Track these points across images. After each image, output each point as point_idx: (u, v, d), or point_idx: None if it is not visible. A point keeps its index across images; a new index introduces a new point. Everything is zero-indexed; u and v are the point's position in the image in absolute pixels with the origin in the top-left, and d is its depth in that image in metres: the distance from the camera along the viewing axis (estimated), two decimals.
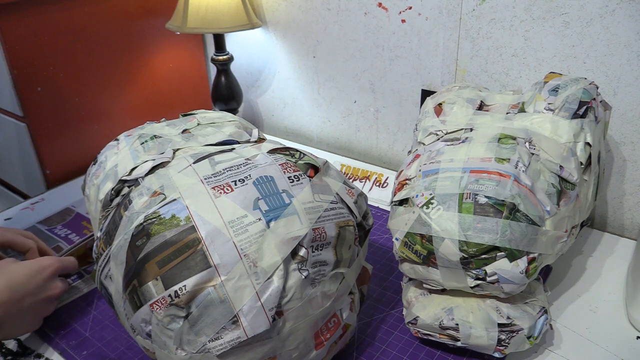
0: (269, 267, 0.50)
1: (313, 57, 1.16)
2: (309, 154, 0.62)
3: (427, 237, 0.61)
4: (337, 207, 0.58)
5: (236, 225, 0.51)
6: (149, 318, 0.51)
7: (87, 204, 0.67)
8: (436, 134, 0.73)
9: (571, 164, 0.65)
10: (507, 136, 0.67)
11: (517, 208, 0.59)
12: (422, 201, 0.62)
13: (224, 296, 0.49)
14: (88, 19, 1.05)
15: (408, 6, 0.98)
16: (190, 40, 1.28)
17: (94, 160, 0.68)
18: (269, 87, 1.29)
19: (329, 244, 0.55)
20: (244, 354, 0.50)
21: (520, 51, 0.89)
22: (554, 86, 0.72)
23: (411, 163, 0.70)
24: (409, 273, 0.65)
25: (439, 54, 0.98)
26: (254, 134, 0.69)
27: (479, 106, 0.75)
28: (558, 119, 0.68)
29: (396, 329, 0.68)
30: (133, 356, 0.65)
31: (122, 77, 1.15)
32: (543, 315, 0.61)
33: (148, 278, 0.50)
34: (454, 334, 0.61)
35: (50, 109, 1.04)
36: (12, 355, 0.66)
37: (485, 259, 0.58)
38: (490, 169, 0.62)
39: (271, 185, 0.55)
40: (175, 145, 0.64)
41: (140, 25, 1.16)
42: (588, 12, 0.80)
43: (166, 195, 0.54)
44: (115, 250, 0.54)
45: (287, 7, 1.15)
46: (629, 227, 0.89)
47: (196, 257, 0.50)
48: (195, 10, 1.07)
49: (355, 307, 0.61)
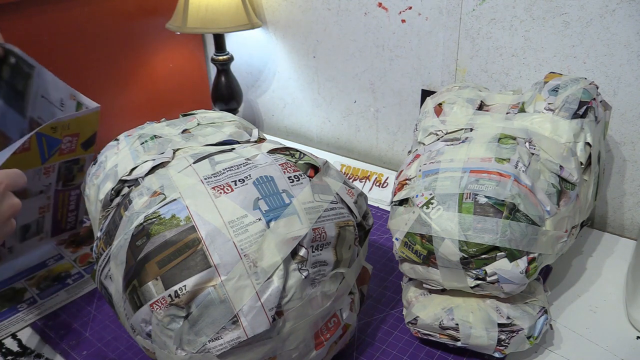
0: (269, 267, 0.50)
1: (313, 57, 1.16)
2: (309, 154, 0.62)
3: (427, 237, 0.61)
4: (337, 207, 0.58)
5: (236, 225, 0.51)
6: (149, 318, 0.51)
7: (87, 204, 0.67)
8: (436, 134, 0.73)
9: (571, 164, 0.65)
10: (507, 136, 0.67)
11: (517, 208, 0.59)
12: (422, 201, 0.62)
13: (224, 296, 0.49)
14: (88, 19, 1.05)
15: (408, 6, 0.98)
16: (190, 40, 1.28)
17: (94, 160, 0.68)
18: (269, 87, 1.29)
19: (329, 244, 0.55)
20: (244, 354, 0.50)
21: (520, 51, 0.89)
22: (554, 86, 0.72)
23: (411, 163, 0.70)
24: (409, 273, 0.65)
25: (439, 54, 0.98)
26: (254, 134, 0.69)
27: (479, 106, 0.75)
28: (558, 119, 0.68)
29: (396, 329, 0.68)
30: (133, 356, 0.65)
31: (122, 77, 1.15)
32: (543, 315, 0.61)
33: (148, 278, 0.50)
34: (454, 334, 0.61)
35: None
36: (12, 355, 0.66)
37: (485, 259, 0.58)
38: (490, 169, 0.62)
39: (271, 185, 0.55)
40: (175, 145, 0.64)
41: (140, 25, 1.16)
42: (588, 12, 0.80)
43: (166, 195, 0.54)
44: (115, 250, 0.54)
45: (287, 7, 1.15)
46: (629, 227, 0.89)
47: (196, 257, 0.50)
48: (195, 10, 1.07)
49: (355, 307, 0.61)
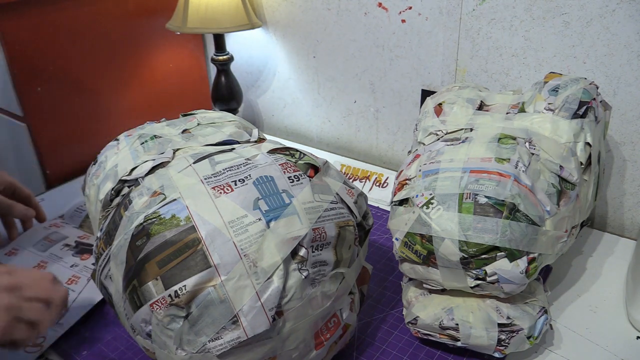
0: (269, 267, 0.50)
1: (313, 57, 1.16)
2: (309, 154, 0.62)
3: (427, 237, 0.61)
4: (337, 207, 0.58)
5: (236, 225, 0.51)
6: (149, 318, 0.51)
7: (87, 204, 0.67)
8: (436, 134, 0.73)
9: (571, 164, 0.65)
10: (507, 136, 0.67)
11: (517, 208, 0.59)
12: (422, 201, 0.62)
13: (224, 296, 0.49)
14: (88, 19, 1.05)
15: (408, 6, 0.98)
16: (190, 40, 1.28)
17: (94, 160, 0.68)
18: (269, 87, 1.29)
19: (329, 244, 0.55)
20: (244, 354, 0.50)
21: (520, 51, 0.89)
22: (554, 86, 0.72)
23: (411, 163, 0.70)
24: (409, 273, 0.65)
25: (439, 54, 0.98)
26: (254, 134, 0.69)
27: (479, 106, 0.75)
28: (558, 119, 0.68)
29: (396, 329, 0.68)
30: (133, 356, 0.65)
31: (122, 77, 1.15)
32: (543, 315, 0.61)
33: (148, 278, 0.50)
34: (454, 334, 0.61)
35: (50, 109, 1.04)
36: None
37: (485, 259, 0.58)
38: (490, 169, 0.62)
39: (271, 185, 0.55)
40: (175, 145, 0.64)
41: (140, 25, 1.15)
42: (588, 12, 0.80)
43: (166, 195, 0.54)
44: (115, 250, 0.54)
45: (287, 7, 1.15)
46: (629, 227, 0.89)
47: (196, 257, 0.50)
48: (195, 10, 1.07)
49: (355, 307, 0.61)
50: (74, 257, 0.78)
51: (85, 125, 1.11)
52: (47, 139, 1.05)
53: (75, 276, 0.74)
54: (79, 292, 0.72)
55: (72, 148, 1.09)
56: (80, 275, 0.74)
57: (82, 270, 0.75)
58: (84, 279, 0.73)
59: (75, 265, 0.76)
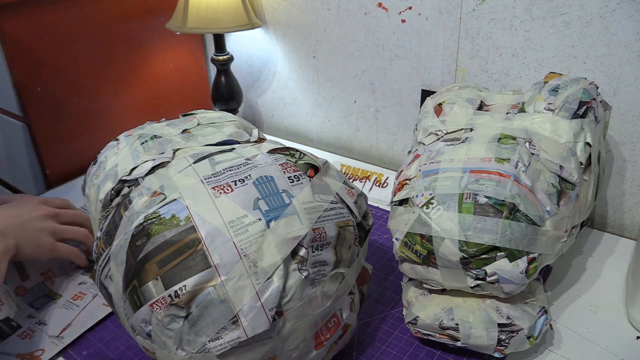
0: (269, 267, 0.50)
1: (313, 57, 1.16)
2: (309, 154, 0.62)
3: (427, 237, 0.61)
4: (337, 207, 0.58)
5: (236, 225, 0.51)
6: (149, 318, 0.51)
7: (87, 204, 0.67)
8: (436, 134, 0.73)
9: (571, 164, 0.65)
10: (507, 136, 0.67)
11: (517, 208, 0.59)
12: (422, 201, 0.62)
13: (224, 296, 0.49)
14: (88, 19, 1.05)
15: (408, 6, 0.98)
16: (190, 40, 1.28)
17: (94, 160, 0.68)
18: (269, 87, 1.29)
19: (329, 244, 0.55)
20: (244, 354, 0.50)
21: (520, 51, 0.89)
22: (554, 86, 0.72)
23: (411, 163, 0.70)
24: (409, 273, 0.65)
25: (439, 54, 0.98)
26: (254, 134, 0.69)
27: (479, 106, 0.75)
28: (558, 119, 0.68)
29: (396, 329, 0.68)
30: (133, 356, 0.65)
31: (122, 77, 1.15)
32: (543, 315, 0.61)
33: (148, 278, 0.50)
34: (454, 334, 0.61)
35: (50, 109, 1.04)
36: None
37: (485, 259, 0.58)
38: (490, 169, 0.62)
39: (271, 185, 0.55)
40: (175, 145, 0.64)
41: (140, 25, 1.15)
42: (588, 12, 0.80)
43: (166, 195, 0.54)
44: (115, 250, 0.54)
45: (287, 7, 1.15)
46: (629, 227, 0.89)
47: (196, 257, 0.50)
48: (195, 10, 1.07)
49: (355, 307, 0.61)
50: (84, 275, 0.78)
51: (85, 125, 1.11)
52: (47, 139, 1.05)
53: (82, 292, 0.75)
54: (82, 307, 0.72)
55: (72, 148, 1.09)
56: (87, 293, 0.75)
57: (89, 288, 0.75)
58: (89, 296, 0.74)
59: (83, 283, 0.77)
